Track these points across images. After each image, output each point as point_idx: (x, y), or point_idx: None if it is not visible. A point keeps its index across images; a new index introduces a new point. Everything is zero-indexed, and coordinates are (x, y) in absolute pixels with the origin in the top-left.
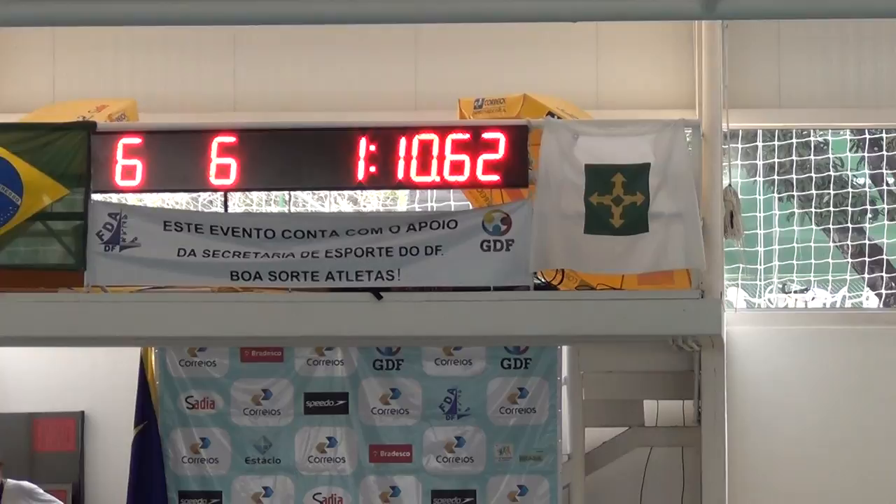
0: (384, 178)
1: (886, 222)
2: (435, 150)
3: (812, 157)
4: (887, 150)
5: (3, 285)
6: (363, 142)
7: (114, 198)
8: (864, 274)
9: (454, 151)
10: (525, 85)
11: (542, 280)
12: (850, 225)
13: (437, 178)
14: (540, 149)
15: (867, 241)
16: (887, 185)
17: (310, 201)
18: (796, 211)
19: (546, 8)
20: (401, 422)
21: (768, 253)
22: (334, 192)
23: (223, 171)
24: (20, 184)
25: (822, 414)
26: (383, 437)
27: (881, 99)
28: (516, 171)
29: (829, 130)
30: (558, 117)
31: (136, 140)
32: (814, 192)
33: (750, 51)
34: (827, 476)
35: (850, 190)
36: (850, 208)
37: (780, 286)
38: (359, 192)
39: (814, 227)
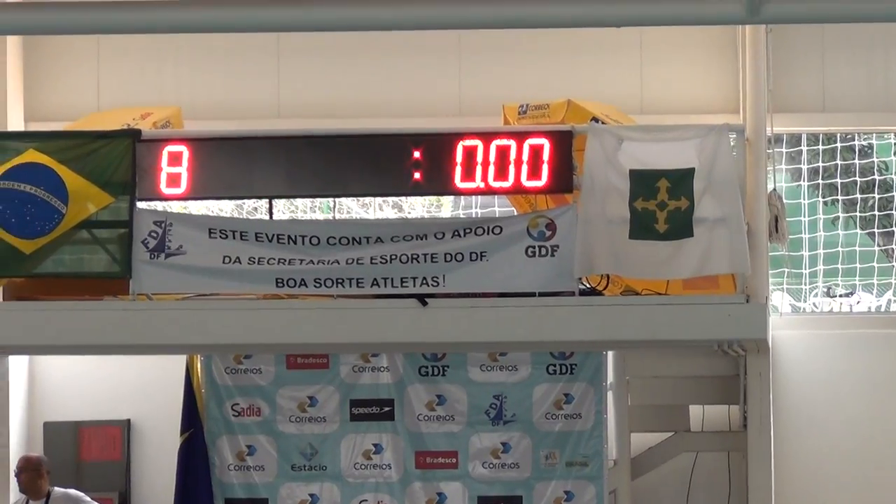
0: (429, 185)
1: None
2: (479, 156)
3: (856, 160)
4: None
5: (48, 293)
6: (408, 148)
7: (158, 205)
8: None
9: (498, 157)
10: (569, 90)
11: (587, 285)
12: (894, 228)
13: (482, 184)
14: (584, 154)
15: None
16: None
17: (354, 208)
18: (841, 215)
19: (590, 13)
20: (446, 428)
21: (813, 257)
22: (378, 199)
23: (267, 177)
24: (65, 192)
25: (868, 418)
26: (429, 443)
27: None
28: (561, 177)
29: (874, 134)
30: (603, 122)
31: (181, 148)
32: (858, 195)
33: (794, 54)
34: (873, 481)
35: (894, 193)
36: (894, 212)
37: (825, 290)
38: (403, 198)
39: (858, 230)
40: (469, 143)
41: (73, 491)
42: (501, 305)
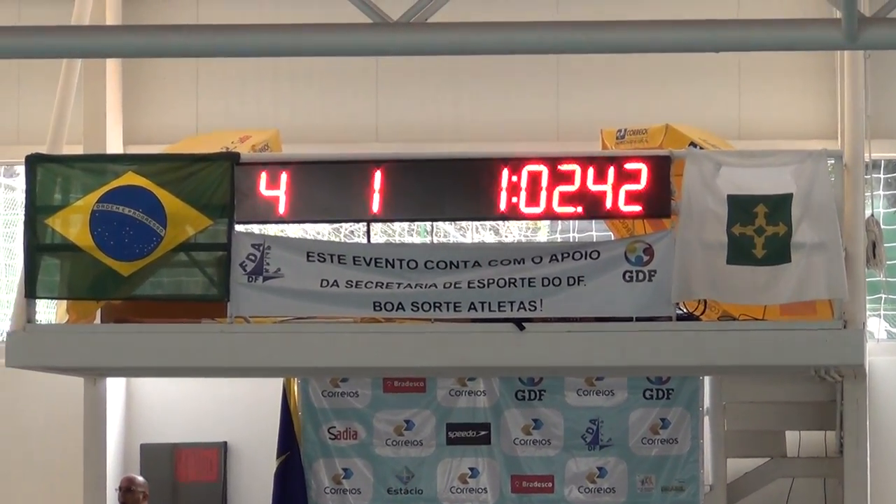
0: (526, 209)
1: None
2: (577, 181)
3: None
4: None
5: (147, 316)
6: (505, 172)
7: (256, 229)
8: None
9: (596, 182)
10: (667, 115)
11: (685, 310)
12: None
13: (579, 209)
14: (682, 179)
15: None
16: None
17: (451, 232)
18: None
19: (689, 38)
20: (543, 452)
21: None
22: (475, 223)
23: (366, 201)
24: (164, 214)
25: None
26: (525, 467)
27: None
28: (659, 202)
29: None
30: (700, 147)
31: (280, 170)
32: None
33: (892, 80)
34: None
35: None
36: None
37: None
38: (500, 222)
39: None
40: (566, 167)
41: None
42: (598, 330)
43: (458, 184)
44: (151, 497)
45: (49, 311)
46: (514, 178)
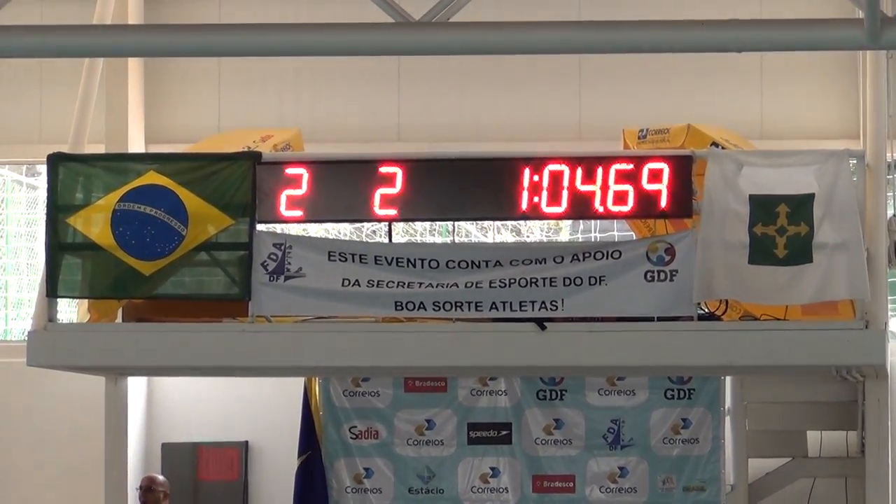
0: (547, 209)
1: None
2: (599, 181)
3: None
4: None
5: (168, 315)
6: (527, 172)
7: (278, 228)
8: None
9: (617, 181)
10: (689, 115)
11: (706, 310)
12: None
13: (601, 209)
14: (704, 179)
15: None
16: None
17: (473, 231)
18: None
19: (711, 38)
20: (564, 452)
21: None
22: (497, 223)
23: (387, 201)
24: (185, 214)
25: None
26: (546, 467)
27: None
28: (680, 202)
29: None
30: (722, 147)
31: (301, 170)
32: None
33: None
34: None
35: None
36: None
37: None
38: (521, 222)
39: None
40: (588, 167)
41: None
42: (620, 330)
43: (480, 183)
44: (172, 496)
45: (70, 311)
46: (536, 178)
